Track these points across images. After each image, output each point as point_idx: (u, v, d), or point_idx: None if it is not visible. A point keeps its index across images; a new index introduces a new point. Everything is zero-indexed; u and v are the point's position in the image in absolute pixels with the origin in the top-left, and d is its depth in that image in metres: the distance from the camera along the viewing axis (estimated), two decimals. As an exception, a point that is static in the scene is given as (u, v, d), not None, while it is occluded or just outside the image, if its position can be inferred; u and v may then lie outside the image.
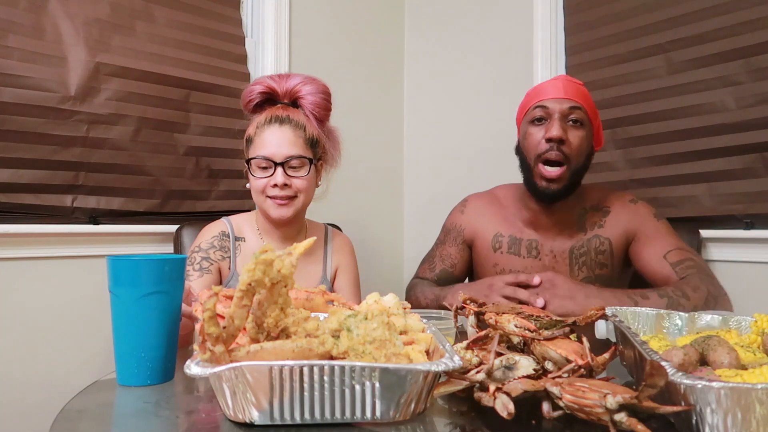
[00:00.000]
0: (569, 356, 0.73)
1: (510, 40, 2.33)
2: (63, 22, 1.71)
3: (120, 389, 0.81)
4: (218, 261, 1.42)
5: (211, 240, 1.43)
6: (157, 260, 0.82)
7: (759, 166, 1.71)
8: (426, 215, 2.61)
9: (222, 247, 1.43)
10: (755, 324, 0.88)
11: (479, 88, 2.44)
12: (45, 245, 1.67)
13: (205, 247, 1.42)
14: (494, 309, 0.86)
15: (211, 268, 1.39)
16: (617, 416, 0.60)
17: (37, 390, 1.64)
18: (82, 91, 1.72)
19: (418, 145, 2.66)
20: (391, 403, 0.65)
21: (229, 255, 1.43)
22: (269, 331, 0.70)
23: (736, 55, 1.75)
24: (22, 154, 1.63)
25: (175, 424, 0.69)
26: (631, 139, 1.97)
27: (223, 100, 2.03)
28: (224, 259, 1.43)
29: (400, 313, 0.85)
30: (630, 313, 0.99)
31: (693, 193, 1.84)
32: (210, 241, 1.43)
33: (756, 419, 0.56)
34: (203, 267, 1.39)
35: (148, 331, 0.81)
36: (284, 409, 0.64)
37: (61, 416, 0.70)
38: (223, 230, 1.46)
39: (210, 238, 1.44)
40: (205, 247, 1.42)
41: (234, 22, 2.11)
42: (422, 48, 2.65)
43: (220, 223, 1.48)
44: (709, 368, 0.73)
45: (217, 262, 1.41)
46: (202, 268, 1.38)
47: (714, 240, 1.79)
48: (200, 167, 1.97)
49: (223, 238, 1.44)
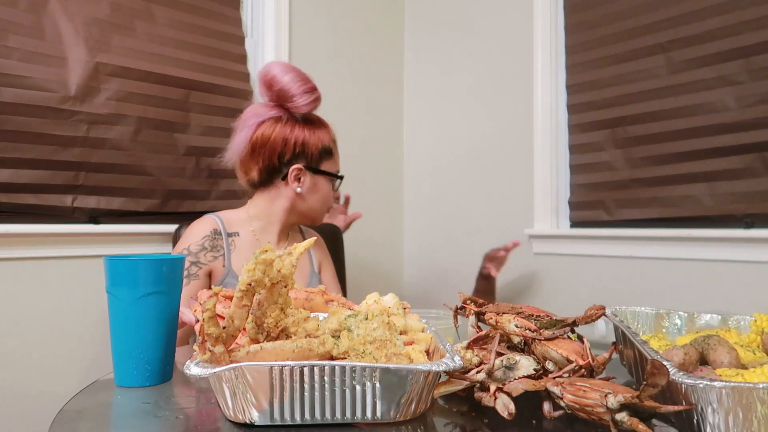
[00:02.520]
0: (570, 356, 0.73)
1: (510, 40, 2.33)
2: (63, 22, 1.71)
3: (119, 389, 0.81)
4: (209, 263, 1.34)
5: (202, 241, 1.35)
6: (155, 260, 0.81)
7: (759, 166, 1.71)
8: (426, 215, 2.61)
9: (214, 247, 1.36)
10: (755, 323, 0.88)
11: (479, 88, 2.43)
12: (45, 245, 1.67)
13: (195, 249, 1.34)
14: (494, 309, 0.86)
15: (199, 273, 1.32)
16: (618, 416, 0.60)
17: (36, 390, 1.64)
18: (82, 91, 1.72)
19: (418, 145, 2.66)
20: (391, 403, 0.64)
21: (223, 253, 1.36)
22: (269, 332, 0.70)
23: (736, 55, 1.75)
24: (22, 154, 1.63)
25: (174, 425, 0.69)
26: (631, 139, 1.97)
27: (223, 99, 2.03)
28: (216, 258, 1.35)
29: (400, 313, 0.85)
30: (630, 312, 0.99)
31: (693, 193, 1.84)
32: (200, 242, 1.35)
33: (757, 418, 0.56)
34: (191, 273, 1.32)
35: (147, 332, 0.81)
36: (284, 409, 0.63)
37: (60, 417, 0.70)
38: (214, 228, 1.38)
39: (201, 238, 1.36)
40: (195, 250, 1.34)
41: (234, 22, 2.11)
42: (422, 48, 2.65)
43: (210, 220, 1.39)
44: (709, 368, 0.73)
45: (208, 264, 1.34)
46: (190, 274, 1.31)
47: (714, 240, 1.78)
48: (200, 167, 1.97)
49: (215, 237, 1.36)
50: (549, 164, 2.19)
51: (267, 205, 1.43)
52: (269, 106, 1.41)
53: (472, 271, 2.10)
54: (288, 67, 1.39)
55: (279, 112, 1.40)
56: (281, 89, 1.37)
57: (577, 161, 2.14)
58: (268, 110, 1.40)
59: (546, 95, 2.20)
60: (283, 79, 1.37)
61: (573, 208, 2.17)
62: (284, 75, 1.37)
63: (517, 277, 2.29)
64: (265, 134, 1.38)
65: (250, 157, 1.40)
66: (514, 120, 2.32)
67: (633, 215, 1.98)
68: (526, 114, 2.27)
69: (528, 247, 2.26)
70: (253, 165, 1.40)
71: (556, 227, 2.20)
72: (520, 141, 2.29)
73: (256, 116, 1.40)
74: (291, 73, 1.38)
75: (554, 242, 2.18)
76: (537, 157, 2.22)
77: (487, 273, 2.03)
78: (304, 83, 1.38)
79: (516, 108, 2.31)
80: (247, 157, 1.40)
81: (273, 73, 1.38)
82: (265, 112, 1.40)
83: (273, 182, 1.41)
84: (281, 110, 1.40)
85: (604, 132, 2.05)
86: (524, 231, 2.24)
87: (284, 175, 1.40)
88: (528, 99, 2.26)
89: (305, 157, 1.40)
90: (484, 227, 2.40)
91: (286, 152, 1.38)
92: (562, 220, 2.21)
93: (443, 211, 2.55)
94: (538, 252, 2.23)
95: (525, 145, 2.27)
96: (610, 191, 2.04)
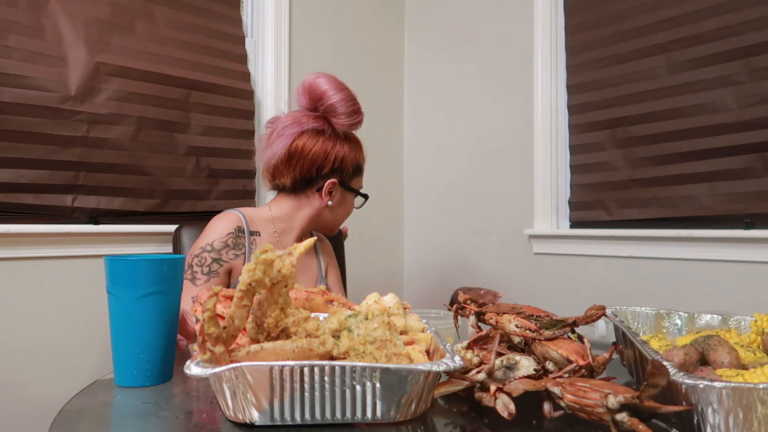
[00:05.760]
0: (570, 356, 0.73)
1: (510, 40, 2.33)
2: (63, 22, 1.71)
3: (119, 389, 0.81)
4: (230, 261, 1.33)
5: (226, 238, 1.34)
6: (155, 260, 0.81)
7: (759, 166, 1.71)
8: (426, 215, 2.61)
9: (236, 245, 1.35)
10: (755, 324, 0.88)
11: (479, 88, 2.44)
12: (45, 245, 1.67)
13: (218, 246, 1.33)
14: (495, 309, 0.86)
15: (219, 270, 1.32)
16: (619, 416, 0.60)
17: (36, 390, 1.64)
18: (82, 91, 1.72)
19: (418, 146, 2.66)
20: (391, 403, 0.64)
21: (244, 251, 1.35)
22: (269, 332, 0.70)
23: (736, 55, 1.75)
24: (22, 154, 1.63)
25: (174, 425, 0.69)
26: (631, 139, 1.97)
27: (223, 99, 2.03)
28: (238, 257, 1.35)
29: (401, 313, 0.85)
30: (630, 312, 0.99)
31: (693, 193, 1.84)
32: (224, 239, 1.34)
33: (758, 419, 0.56)
34: (212, 270, 1.31)
35: (147, 332, 0.81)
36: (285, 409, 0.63)
37: (60, 416, 0.70)
38: (238, 225, 1.37)
39: (225, 235, 1.35)
40: (218, 247, 1.33)
41: (234, 22, 2.11)
42: (422, 48, 2.65)
43: (234, 216, 1.38)
44: (709, 368, 0.72)
45: (229, 261, 1.33)
46: (211, 271, 1.31)
47: (714, 240, 1.78)
48: (200, 167, 1.97)
49: (238, 235, 1.35)
50: (549, 164, 2.19)
51: (292, 210, 1.43)
52: (311, 116, 1.40)
53: (473, 271, 2.10)
54: (339, 85, 1.40)
55: (322, 124, 1.39)
56: (330, 105, 1.38)
57: (577, 161, 2.14)
58: (311, 121, 1.39)
59: (546, 95, 2.20)
60: (334, 97, 1.38)
61: (573, 208, 2.17)
62: (336, 93, 1.38)
63: (517, 277, 2.29)
64: (306, 145, 1.38)
65: (286, 164, 1.39)
66: (514, 120, 2.32)
67: (633, 215, 1.98)
68: (526, 114, 2.27)
69: (528, 247, 2.26)
70: (287, 172, 1.39)
71: (556, 227, 2.20)
72: (521, 141, 2.29)
73: (298, 125, 1.39)
74: (342, 92, 1.39)
75: (554, 242, 2.18)
76: (537, 157, 2.22)
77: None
78: (353, 104, 1.40)
79: (516, 108, 2.31)
80: (282, 164, 1.39)
81: (323, 88, 1.38)
82: (307, 122, 1.39)
83: (304, 191, 1.42)
84: (324, 123, 1.40)
85: (604, 132, 2.05)
86: (524, 231, 2.24)
87: (319, 187, 1.41)
88: (528, 99, 2.26)
89: (341, 173, 1.42)
90: (484, 227, 2.40)
91: (325, 166, 1.39)
92: (562, 220, 2.21)
93: (443, 211, 2.55)
94: (538, 252, 2.23)
95: (525, 145, 2.27)
96: (610, 191, 2.04)
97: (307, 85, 1.39)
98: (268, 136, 1.42)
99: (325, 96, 1.38)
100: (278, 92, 2.19)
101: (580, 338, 0.79)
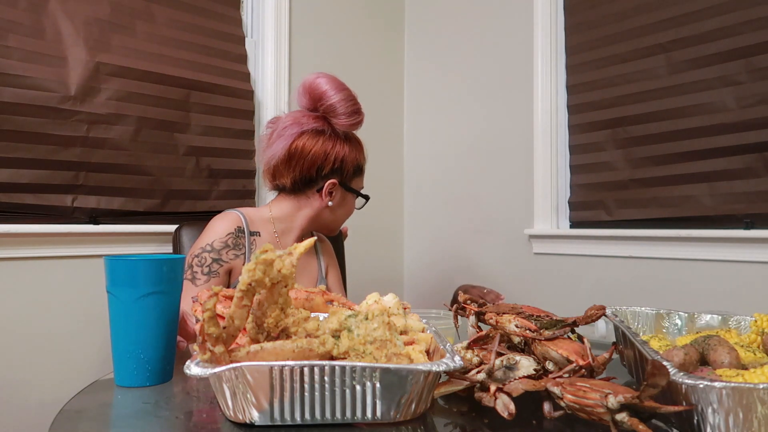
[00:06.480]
0: (570, 356, 0.73)
1: (510, 40, 2.33)
2: (63, 22, 1.71)
3: (119, 389, 0.81)
4: (230, 261, 1.33)
5: (226, 238, 1.34)
6: (155, 260, 0.81)
7: (759, 166, 1.71)
8: (426, 215, 2.61)
9: (236, 245, 1.35)
10: (755, 324, 0.88)
11: (479, 89, 2.43)
12: (45, 245, 1.67)
13: (218, 246, 1.33)
14: (495, 309, 0.86)
15: (219, 270, 1.32)
16: (619, 416, 0.60)
17: (36, 390, 1.64)
18: (82, 91, 1.72)
19: (418, 145, 2.66)
20: (391, 403, 0.64)
21: (244, 252, 1.35)
22: (269, 332, 0.70)
23: (736, 55, 1.75)
24: (22, 154, 1.63)
25: (174, 425, 0.69)
26: (631, 139, 1.97)
27: (223, 99, 2.03)
28: (238, 257, 1.35)
29: (401, 313, 0.85)
30: (630, 312, 0.99)
31: (693, 193, 1.84)
32: (224, 239, 1.34)
33: (758, 419, 0.56)
34: (212, 270, 1.31)
35: (147, 332, 0.81)
36: (285, 409, 0.63)
37: (60, 416, 0.70)
38: (238, 225, 1.37)
39: (225, 235, 1.34)
40: (218, 247, 1.33)
41: (234, 22, 2.11)
42: (422, 48, 2.65)
43: (234, 216, 1.38)
44: (709, 368, 0.72)
45: (229, 262, 1.33)
46: (212, 271, 1.31)
47: (714, 240, 1.78)
48: (200, 167, 1.97)
49: (238, 235, 1.35)
50: (549, 164, 2.19)
51: (292, 211, 1.43)
52: (311, 116, 1.40)
53: (473, 271, 2.10)
54: (339, 85, 1.39)
55: (322, 125, 1.39)
56: (330, 105, 1.37)
57: (577, 161, 2.14)
58: (311, 121, 1.39)
59: (546, 95, 2.20)
60: (334, 98, 1.37)
61: (573, 208, 2.17)
62: (336, 93, 1.37)
63: (517, 277, 2.29)
64: (306, 145, 1.37)
65: (286, 165, 1.38)
66: (514, 120, 2.32)
67: (633, 215, 1.98)
68: (526, 114, 2.27)
69: (528, 247, 2.26)
70: (287, 172, 1.39)
71: (556, 227, 2.20)
72: (521, 141, 2.29)
73: (298, 125, 1.38)
74: (342, 93, 1.38)
75: (554, 242, 2.18)
76: (537, 157, 2.22)
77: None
78: (354, 104, 1.39)
79: (516, 108, 2.31)
80: (282, 164, 1.39)
81: (323, 88, 1.37)
82: (307, 122, 1.38)
83: (304, 191, 1.42)
84: (324, 123, 1.39)
85: (604, 132, 2.05)
86: (524, 231, 2.24)
87: (319, 188, 1.41)
88: (528, 99, 2.26)
89: (341, 173, 1.41)
90: (484, 227, 2.40)
91: (325, 166, 1.39)
92: (562, 220, 2.21)
93: (443, 211, 2.55)
94: (538, 252, 2.23)
95: (525, 145, 2.27)
96: (610, 191, 2.04)
97: (308, 86, 1.39)
98: (268, 137, 1.42)
99: (325, 96, 1.37)
100: (278, 92, 2.19)
101: (580, 338, 0.79)
